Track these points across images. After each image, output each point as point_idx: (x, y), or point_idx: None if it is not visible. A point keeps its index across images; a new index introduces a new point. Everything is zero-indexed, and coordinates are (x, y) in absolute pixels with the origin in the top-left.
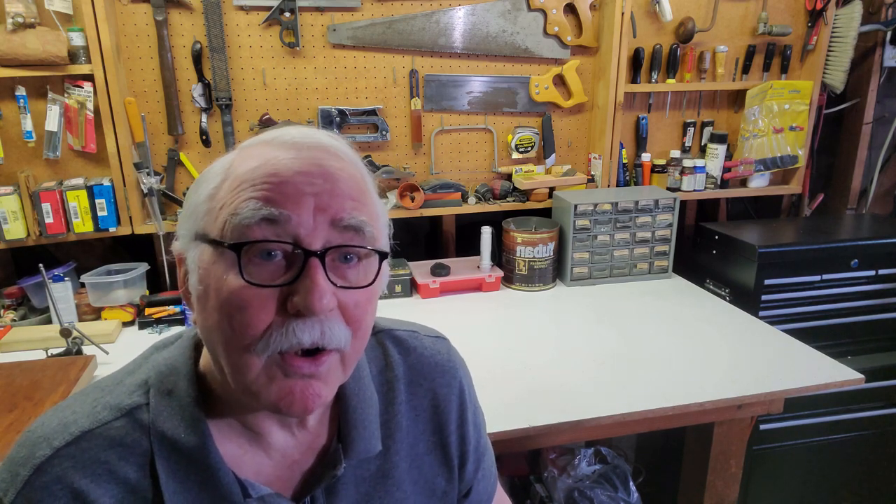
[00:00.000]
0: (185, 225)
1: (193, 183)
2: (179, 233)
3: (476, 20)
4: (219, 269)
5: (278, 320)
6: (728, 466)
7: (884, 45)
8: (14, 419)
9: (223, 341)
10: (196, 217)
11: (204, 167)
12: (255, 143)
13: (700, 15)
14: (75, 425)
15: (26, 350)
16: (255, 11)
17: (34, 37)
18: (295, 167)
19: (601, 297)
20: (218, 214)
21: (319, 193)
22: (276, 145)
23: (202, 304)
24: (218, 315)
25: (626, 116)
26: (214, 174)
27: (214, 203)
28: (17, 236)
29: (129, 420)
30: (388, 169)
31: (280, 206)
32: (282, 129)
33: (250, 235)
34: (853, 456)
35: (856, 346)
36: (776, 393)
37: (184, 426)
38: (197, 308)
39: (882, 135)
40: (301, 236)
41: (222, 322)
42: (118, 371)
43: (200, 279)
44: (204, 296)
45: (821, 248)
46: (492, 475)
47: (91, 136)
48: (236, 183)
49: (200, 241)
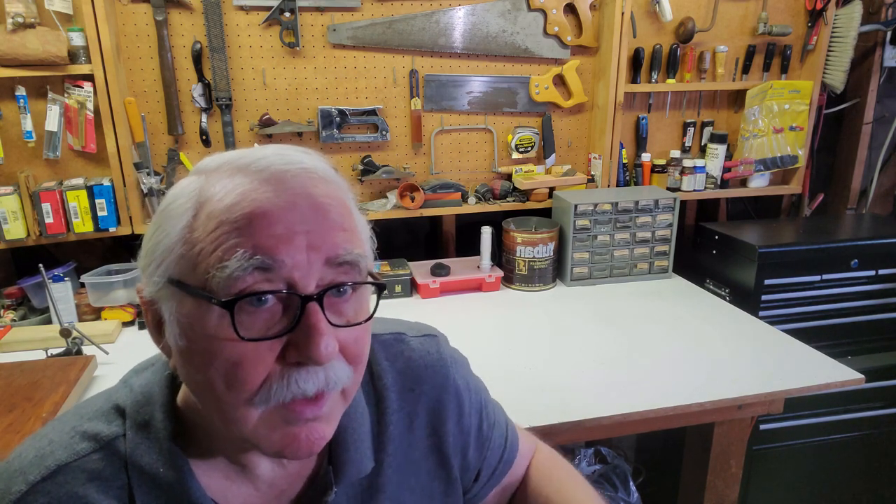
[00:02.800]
0: (153, 266)
1: (156, 216)
2: (146, 274)
3: (476, 20)
4: (206, 323)
5: (277, 370)
6: (728, 466)
7: (884, 44)
8: (14, 419)
9: (215, 398)
10: (168, 260)
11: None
12: (226, 169)
13: (700, 15)
14: (52, 457)
15: (26, 350)
16: (255, 11)
17: (34, 37)
18: (281, 203)
19: (601, 297)
20: (197, 261)
21: (311, 231)
22: (252, 174)
23: (187, 358)
24: (209, 372)
25: (626, 116)
26: (181, 208)
27: (190, 247)
28: (17, 236)
29: (107, 452)
30: (388, 169)
31: (272, 253)
32: (252, 152)
33: (241, 287)
34: (853, 456)
35: (856, 346)
36: (776, 393)
37: (161, 461)
38: (180, 361)
39: (882, 135)
40: (295, 279)
41: (215, 380)
42: (99, 395)
43: (183, 332)
44: (189, 351)
45: (821, 248)
46: (503, 443)
47: (91, 136)
48: (213, 223)
49: (178, 289)
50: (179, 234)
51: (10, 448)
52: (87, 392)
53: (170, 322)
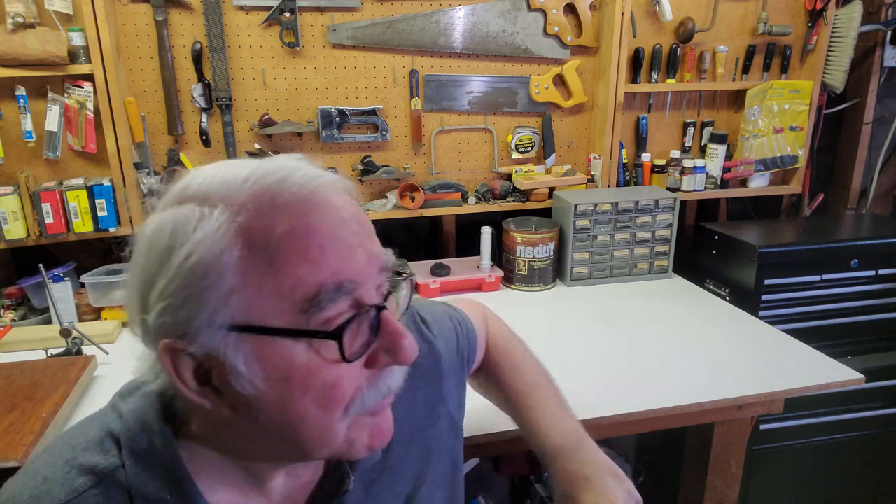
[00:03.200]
0: (202, 318)
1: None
2: (181, 326)
3: (476, 20)
4: (295, 356)
5: (367, 377)
6: (728, 466)
7: (884, 44)
8: (14, 419)
9: (304, 427)
10: (228, 307)
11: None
12: (249, 193)
13: (700, 15)
14: (49, 497)
15: (26, 350)
16: (255, 11)
17: (34, 37)
18: (334, 222)
19: (601, 297)
20: (274, 300)
21: (363, 243)
22: (286, 196)
23: (266, 399)
24: (301, 403)
25: (626, 116)
26: (216, 249)
27: (257, 288)
28: (16, 236)
29: (107, 485)
30: (388, 169)
31: (349, 275)
32: (274, 172)
33: (335, 314)
34: (854, 456)
35: (856, 346)
36: (776, 393)
37: (167, 487)
38: (251, 406)
39: (882, 135)
40: (367, 291)
41: (308, 408)
42: (85, 421)
43: (267, 374)
44: (272, 391)
45: (821, 248)
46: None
47: (91, 136)
48: (279, 257)
49: (254, 333)
50: (236, 277)
51: (11, 448)
52: (88, 392)
53: (243, 369)
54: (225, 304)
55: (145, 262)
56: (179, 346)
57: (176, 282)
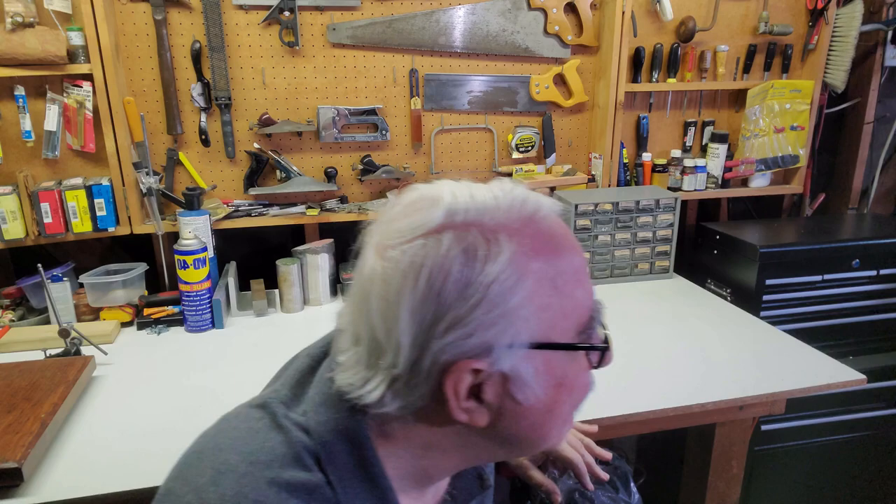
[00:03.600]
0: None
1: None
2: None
3: (476, 19)
4: (573, 367)
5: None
6: (730, 467)
7: (885, 44)
8: (13, 420)
9: (556, 425)
10: (526, 327)
11: (203, 167)
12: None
13: (701, 14)
14: None
15: (25, 350)
16: (254, 11)
17: (33, 36)
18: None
19: (602, 297)
20: (558, 320)
21: None
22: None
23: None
24: (564, 407)
25: (627, 116)
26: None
27: (545, 310)
28: (15, 236)
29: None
30: (388, 169)
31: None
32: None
33: (597, 328)
34: (855, 456)
35: (857, 347)
36: (778, 393)
37: (373, 502)
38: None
39: (883, 134)
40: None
41: (566, 411)
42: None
43: (549, 385)
44: (551, 398)
45: (822, 248)
46: None
47: (90, 135)
48: (562, 281)
49: (547, 350)
50: (531, 301)
51: (9, 449)
52: (86, 392)
53: (531, 381)
54: (525, 325)
55: (426, 291)
56: (478, 365)
57: (480, 309)
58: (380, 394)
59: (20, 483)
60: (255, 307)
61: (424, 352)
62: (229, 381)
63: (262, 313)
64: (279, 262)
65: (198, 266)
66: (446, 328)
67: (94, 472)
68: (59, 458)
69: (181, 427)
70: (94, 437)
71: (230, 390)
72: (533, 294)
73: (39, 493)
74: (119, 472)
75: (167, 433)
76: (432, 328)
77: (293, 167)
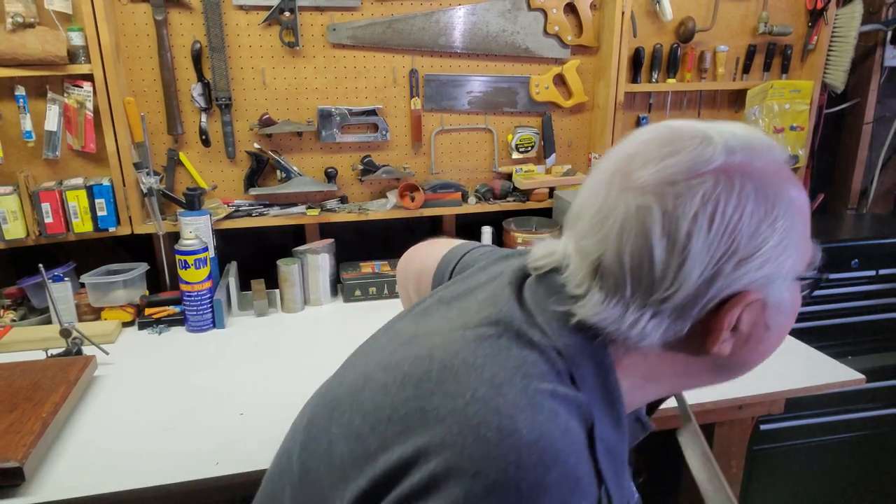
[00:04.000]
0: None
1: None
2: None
3: (476, 20)
4: (798, 296)
5: None
6: (729, 467)
7: (884, 44)
8: (14, 420)
9: (774, 349)
10: (797, 261)
11: (203, 167)
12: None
13: (700, 14)
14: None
15: (26, 350)
16: (254, 11)
17: (33, 36)
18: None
19: None
20: (804, 256)
21: None
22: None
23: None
24: (785, 333)
25: (627, 116)
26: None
27: (801, 248)
28: (16, 236)
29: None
30: (388, 169)
31: None
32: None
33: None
34: (854, 456)
35: (856, 347)
36: (777, 393)
37: (613, 424)
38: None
39: (883, 134)
40: None
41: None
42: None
43: (788, 312)
44: (787, 323)
45: (821, 248)
46: None
47: (90, 135)
48: (806, 223)
49: (799, 281)
50: (801, 237)
51: (11, 448)
52: (88, 392)
53: (786, 310)
54: (797, 257)
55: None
56: (756, 296)
57: (770, 243)
58: (642, 326)
59: (21, 482)
60: (256, 307)
61: (710, 286)
62: (230, 381)
63: (263, 313)
64: (280, 262)
65: (199, 266)
66: (738, 262)
67: (96, 471)
68: (61, 457)
69: (182, 427)
70: (96, 436)
71: (231, 390)
72: (803, 229)
73: (41, 493)
74: (120, 471)
75: (168, 433)
76: (722, 263)
77: (293, 167)
